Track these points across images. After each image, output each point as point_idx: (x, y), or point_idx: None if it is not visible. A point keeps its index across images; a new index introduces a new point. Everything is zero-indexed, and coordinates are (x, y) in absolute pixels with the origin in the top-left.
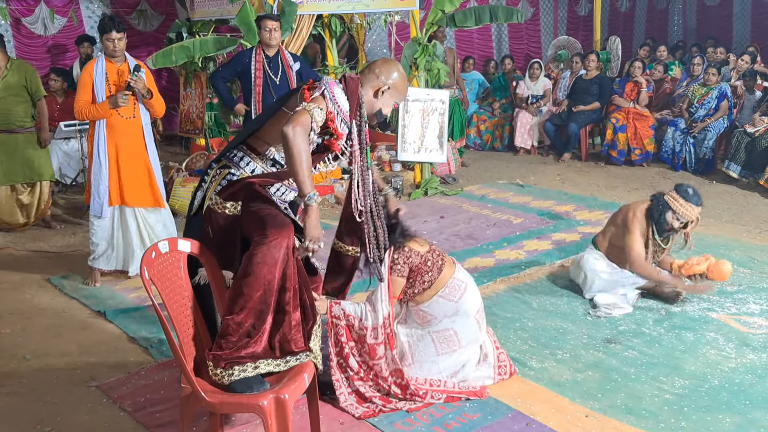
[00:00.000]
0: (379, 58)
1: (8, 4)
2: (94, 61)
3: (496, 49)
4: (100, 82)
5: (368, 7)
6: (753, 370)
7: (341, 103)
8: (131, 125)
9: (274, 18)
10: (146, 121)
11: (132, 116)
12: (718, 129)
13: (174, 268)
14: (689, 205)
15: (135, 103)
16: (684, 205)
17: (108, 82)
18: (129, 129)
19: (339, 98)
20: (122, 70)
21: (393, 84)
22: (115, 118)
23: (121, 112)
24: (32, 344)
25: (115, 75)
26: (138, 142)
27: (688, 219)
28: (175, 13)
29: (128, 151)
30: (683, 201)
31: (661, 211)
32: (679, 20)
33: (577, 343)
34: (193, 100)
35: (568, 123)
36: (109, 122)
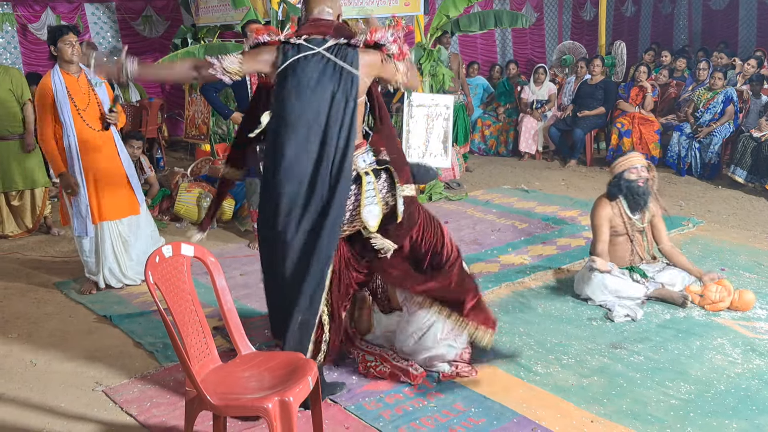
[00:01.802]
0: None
1: (15, 10)
2: (47, 76)
3: (500, 54)
4: (63, 98)
5: (372, 13)
6: (759, 376)
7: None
8: (102, 137)
9: (256, 22)
10: (115, 130)
11: (102, 128)
12: (724, 134)
13: (178, 272)
14: (629, 155)
15: (101, 114)
16: (626, 157)
17: (71, 97)
18: (100, 141)
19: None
20: (82, 82)
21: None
22: (86, 131)
23: (92, 125)
24: (39, 349)
25: (77, 87)
26: (111, 153)
27: (638, 163)
28: (180, 19)
29: (104, 165)
30: (622, 157)
31: (619, 180)
32: (684, 25)
33: (583, 348)
34: (198, 106)
35: (573, 128)
36: (82, 137)
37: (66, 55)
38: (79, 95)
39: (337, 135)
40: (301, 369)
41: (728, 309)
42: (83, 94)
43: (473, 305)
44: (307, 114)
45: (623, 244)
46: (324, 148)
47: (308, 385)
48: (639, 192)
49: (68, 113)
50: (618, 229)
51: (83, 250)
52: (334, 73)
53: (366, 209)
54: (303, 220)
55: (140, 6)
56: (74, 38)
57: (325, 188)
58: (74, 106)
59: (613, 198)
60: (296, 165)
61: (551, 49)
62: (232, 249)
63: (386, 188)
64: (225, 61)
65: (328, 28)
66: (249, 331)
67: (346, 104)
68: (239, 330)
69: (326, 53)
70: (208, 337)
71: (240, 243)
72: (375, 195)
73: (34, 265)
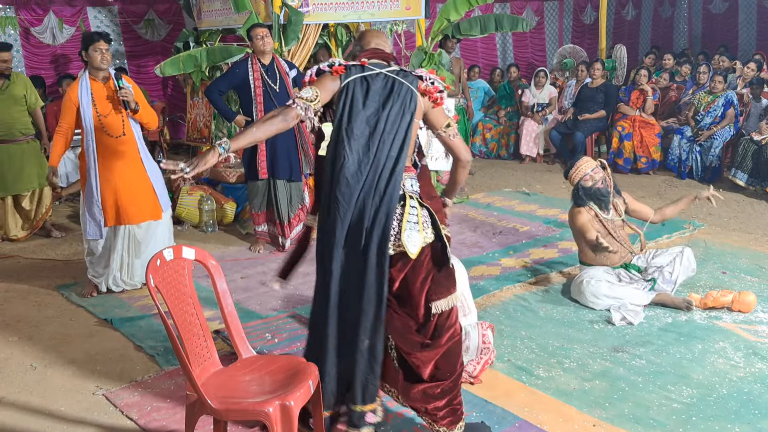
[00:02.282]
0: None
1: (18, 14)
2: (78, 81)
3: (500, 58)
4: (86, 103)
5: (374, 17)
6: (762, 380)
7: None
8: (123, 143)
9: (262, 25)
10: (138, 135)
11: (122, 134)
12: (725, 137)
13: (179, 276)
14: (577, 164)
15: (123, 120)
16: (576, 166)
17: (94, 102)
18: (121, 147)
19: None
20: (108, 89)
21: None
22: (105, 138)
23: (110, 131)
24: (39, 352)
25: (102, 94)
26: (133, 158)
27: (588, 168)
28: (182, 22)
29: (124, 169)
30: (572, 168)
31: (578, 190)
32: (684, 28)
33: (584, 352)
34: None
35: (573, 131)
36: (101, 142)
37: (95, 62)
38: (103, 102)
39: (391, 145)
40: (302, 373)
41: (729, 311)
42: (107, 100)
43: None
44: (367, 125)
45: (611, 244)
46: (379, 157)
47: (309, 389)
48: (600, 194)
49: (90, 119)
50: (600, 231)
51: (93, 253)
52: (395, 89)
53: (406, 233)
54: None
55: (142, 9)
56: (105, 46)
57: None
58: (96, 112)
59: (582, 205)
60: (355, 174)
61: (552, 52)
62: (233, 252)
63: (428, 221)
64: (302, 93)
65: (389, 56)
66: (250, 335)
67: (403, 117)
68: (240, 333)
69: (389, 74)
70: (209, 341)
71: (241, 246)
72: (417, 222)
73: (35, 268)
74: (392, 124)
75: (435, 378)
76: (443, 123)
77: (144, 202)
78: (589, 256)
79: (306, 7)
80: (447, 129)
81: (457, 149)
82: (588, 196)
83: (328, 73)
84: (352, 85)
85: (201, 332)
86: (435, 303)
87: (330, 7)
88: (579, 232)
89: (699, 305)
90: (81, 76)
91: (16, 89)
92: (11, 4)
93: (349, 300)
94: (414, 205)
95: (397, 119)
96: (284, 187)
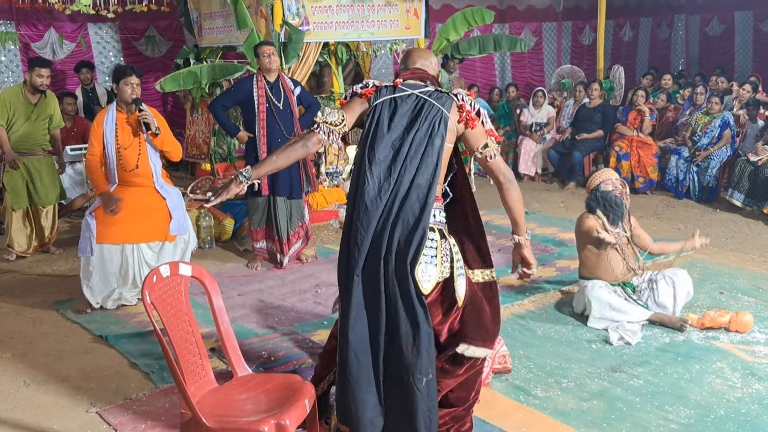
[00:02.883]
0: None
1: (18, 29)
2: (106, 109)
3: (499, 78)
4: (110, 132)
5: (374, 36)
6: (759, 400)
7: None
8: (136, 175)
9: (270, 43)
10: (155, 170)
11: (135, 167)
12: (722, 157)
13: (175, 292)
14: (600, 171)
15: (140, 154)
16: (599, 173)
17: (117, 133)
18: (137, 180)
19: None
20: (132, 121)
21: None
22: (121, 170)
23: (125, 165)
24: (33, 369)
25: (125, 125)
26: (146, 189)
27: (612, 176)
28: (183, 39)
29: (137, 194)
30: (595, 173)
31: (596, 193)
32: (681, 50)
33: (582, 372)
34: (199, 126)
35: (571, 151)
36: (119, 174)
37: (125, 96)
38: (125, 133)
39: (416, 170)
40: (297, 392)
41: (727, 331)
42: (129, 133)
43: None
44: (392, 149)
45: (614, 258)
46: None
47: (305, 408)
48: (617, 202)
49: (111, 148)
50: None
51: (85, 269)
52: (423, 111)
53: (421, 267)
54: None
55: (143, 26)
56: (136, 80)
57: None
58: (117, 143)
59: (593, 211)
60: (375, 200)
61: (550, 72)
62: (231, 269)
63: (448, 256)
64: (327, 116)
65: (428, 76)
66: (246, 353)
67: (430, 140)
68: (236, 351)
69: (421, 95)
70: (204, 359)
71: (239, 263)
72: (436, 255)
73: (30, 283)
74: (416, 147)
75: (448, 404)
76: (480, 144)
77: (153, 224)
78: (589, 268)
79: (306, 25)
80: (484, 150)
81: (496, 170)
82: (603, 202)
83: (358, 96)
84: (379, 107)
85: (196, 350)
86: (468, 346)
87: (330, 26)
88: (584, 236)
89: (696, 325)
90: (110, 105)
91: (48, 107)
92: (12, 19)
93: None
94: (434, 237)
95: (422, 142)
96: (284, 204)
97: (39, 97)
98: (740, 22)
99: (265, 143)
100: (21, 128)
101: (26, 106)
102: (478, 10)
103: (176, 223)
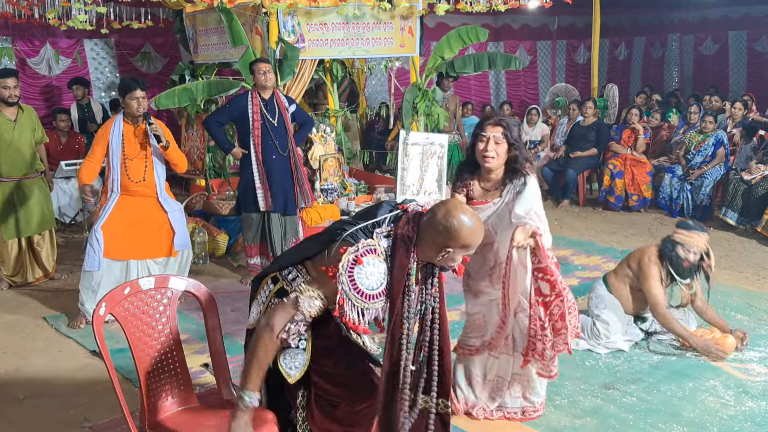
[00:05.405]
0: (444, 208)
1: (14, 45)
2: (113, 120)
3: (493, 95)
4: (116, 143)
5: (369, 53)
6: (752, 418)
7: (364, 289)
8: (143, 187)
9: (265, 60)
10: (159, 182)
11: (142, 179)
12: (715, 176)
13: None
14: (694, 234)
15: (146, 165)
16: (689, 236)
17: (123, 143)
18: (141, 191)
19: (361, 283)
20: (138, 132)
21: (460, 243)
22: (125, 180)
23: (131, 176)
24: (26, 384)
25: (131, 137)
26: (150, 202)
27: (699, 248)
28: (178, 56)
29: (141, 207)
30: (687, 232)
31: (672, 249)
32: (675, 69)
33: (575, 389)
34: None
35: (565, 168)
36: (123, 184)
37: (131, 110)
38: (131, 145)
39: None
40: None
41: None
42: (135, 144)
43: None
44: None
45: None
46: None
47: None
48: (679, 271)
49: (117, 159)
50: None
51: (89, 284)
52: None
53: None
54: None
55: (139, 42)
56: (142, 94)
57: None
58: (123, 155)
59: (663, 257)
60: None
61: (544, 91)
62: (225, 284)
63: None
64: (306, 308)
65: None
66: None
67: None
68: (224, 374)
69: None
70: (184, 376)
71: (232, 278)
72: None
73: (23, 298)
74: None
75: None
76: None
77: (158, 240)
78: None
79: (302, 42)
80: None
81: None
82: (675, 260)
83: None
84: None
85: (173, 367)
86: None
87: (326, 44)
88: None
89: (682, 342)
90: (116, 117)
91: (30, 120)
92: (8, 34)
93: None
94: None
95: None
96: (279, 221)
97: (16, 111)
98: (734, 42)
99: (260, 160)
100: (8, 149)
101: (6, 124)
102: (473, 28)
103: (180, 238)
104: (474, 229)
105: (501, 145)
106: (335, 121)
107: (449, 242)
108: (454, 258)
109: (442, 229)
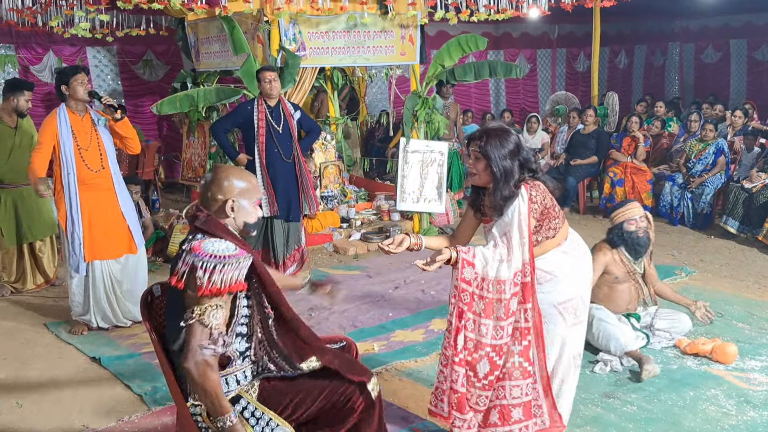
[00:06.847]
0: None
1: (17, 52)
2: (55, 113)
3: (493, 103)
4: (66, 136)
5: (369, 61)
6: (754, 428)
7: (219, 252)
8: (100, 177)
9: (271, 69)
10: (115, 170)
11: (101, 168)
12: (716, 184)
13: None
14: (626, 206)
15: (101, 154)
16: (624, 209)
17: (74, 136)
18: (99, 181)
19: (214, 249)
20: (86, 122)
21: (237, 192)
22: (85, 171)
23: (90, 165)
24: (26, 390)
25: (80, 127)
26: (109, 193)
27: (639, 212)
28: (180, 63)
29: (100, 204)
30: (620, 209)
31: (620, 232)
32: (676, 77)
33: (576, 398)
34: (195, 149)
35: (565, 176)
36: (80, 176)
37: (78, 94)
38: (82, 134)
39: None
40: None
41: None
42: (86, 134)
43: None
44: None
45: (628, 291)
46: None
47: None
48: (640, 243)
49: (70, 151)
50: (620, 276)
51: (72, 291)
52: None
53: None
54: None
55: (141, 50)
56: (85, 77)
57: None
58: (77, 145)
59: (615, 246)
60: None
61: (544, 99)
62: None
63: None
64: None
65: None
66: None
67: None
68: None
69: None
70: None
71: None
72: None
73: (24, 305)
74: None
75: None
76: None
77: (118, 237)
78: (599, 297)
79: (303, 50)
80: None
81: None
82: (626, 241)
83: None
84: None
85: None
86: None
87: (326, 52)
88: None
89: (683, 349)
90: (58, 109)
91: (30, 128)
92: (11, 42)
93: None
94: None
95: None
96: (281, 227)
97: (16, 119)
98: (735, 51)
99: (264, 166)
100: (10, 156)
101: (7, 131)
102: (473, 36)
103: (137, 234)
104: (238, 174)
105: (480, 161)
106: (336, 128)
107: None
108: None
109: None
